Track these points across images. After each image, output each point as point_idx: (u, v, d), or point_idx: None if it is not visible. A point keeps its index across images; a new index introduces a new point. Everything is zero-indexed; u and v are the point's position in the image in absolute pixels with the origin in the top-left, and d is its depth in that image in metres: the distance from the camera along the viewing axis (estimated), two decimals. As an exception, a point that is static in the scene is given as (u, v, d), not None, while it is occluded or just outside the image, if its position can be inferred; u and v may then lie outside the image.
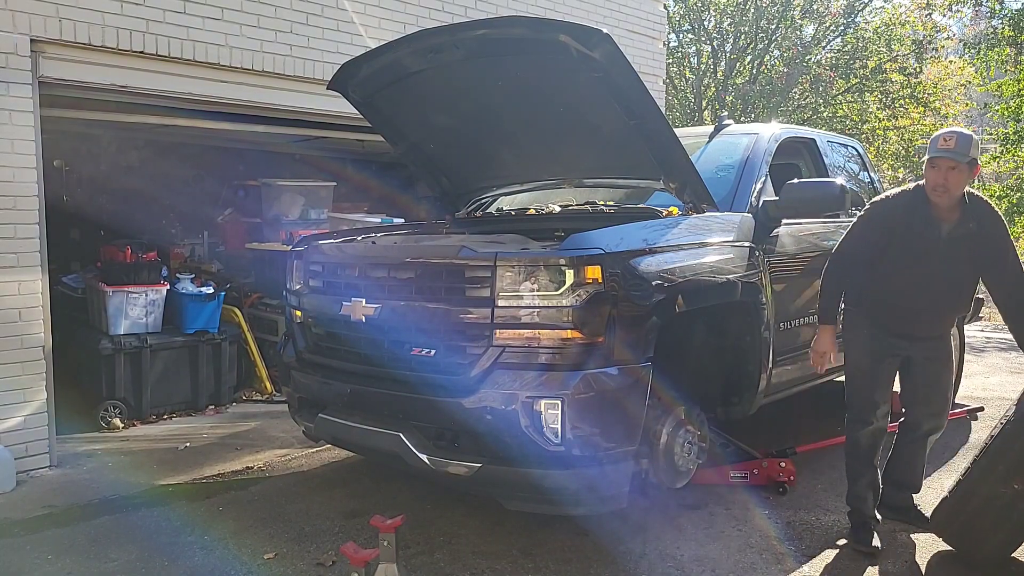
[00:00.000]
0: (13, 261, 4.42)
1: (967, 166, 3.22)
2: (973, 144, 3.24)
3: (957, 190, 3.25)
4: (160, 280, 5.93)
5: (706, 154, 4.58)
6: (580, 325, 3.09)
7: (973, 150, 3.24)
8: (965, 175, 3.24)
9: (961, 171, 3.22)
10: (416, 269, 3.50)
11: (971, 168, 3.25)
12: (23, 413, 4.50)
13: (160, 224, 8.29)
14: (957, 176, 3.22)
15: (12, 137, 4.38)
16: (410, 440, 3.29)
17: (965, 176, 3.24)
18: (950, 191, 3.24)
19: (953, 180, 3.22)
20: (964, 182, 3.25)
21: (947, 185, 3.23)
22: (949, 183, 3.22)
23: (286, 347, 4.16)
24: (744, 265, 3.88)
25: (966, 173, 3.24)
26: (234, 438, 5.31)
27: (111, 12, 4.72)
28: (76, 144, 7.93)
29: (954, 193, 3.25)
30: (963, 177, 3.24)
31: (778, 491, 4.08)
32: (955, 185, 3.23)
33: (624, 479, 3.24)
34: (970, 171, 3.25)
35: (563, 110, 4.05)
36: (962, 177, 3.23)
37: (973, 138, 3.26)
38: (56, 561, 3.42)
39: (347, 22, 5.85)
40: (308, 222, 7.32)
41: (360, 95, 4.43)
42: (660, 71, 8.59)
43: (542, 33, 3.60)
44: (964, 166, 3.21)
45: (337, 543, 3.41)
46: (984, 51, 13.63)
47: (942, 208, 3.30)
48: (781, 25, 17.26)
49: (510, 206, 4.98)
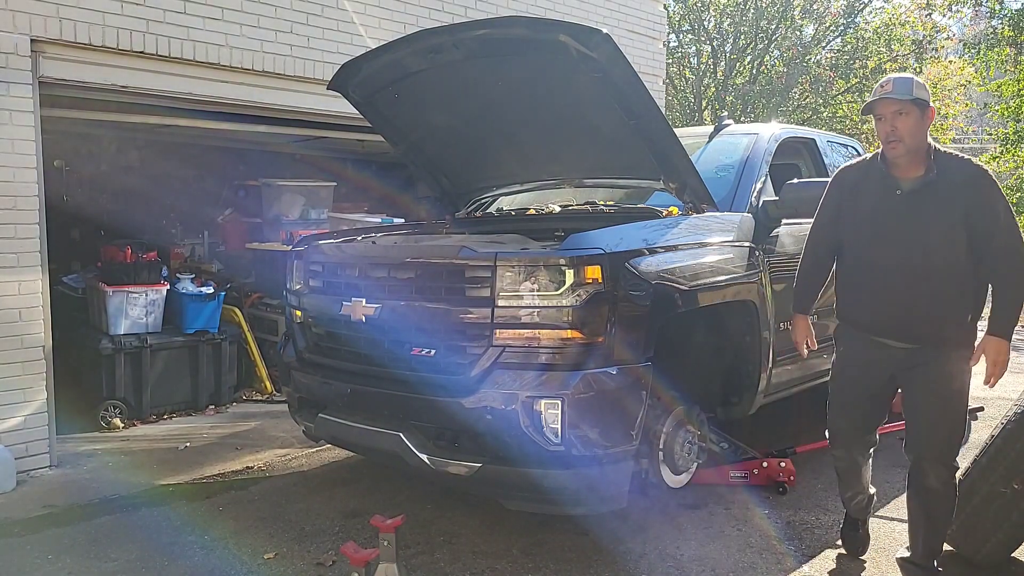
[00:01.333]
0: (13, 261, 4.42)
1: (916, 107, 2.82)
2: (916, 84, 2.85)
3: (912, 138, 2.84)
4: (160, 280, 5.93)
5: (706, 154, 4.59)
6: (580, 325, 3.09)
7: (917, 89, 2.83)
8: (916, 118, 2.83)
9: (910, 114, 2.82)
10: (416, 269, 3.51)
11: (923, 111, 2.84)
12: (23, 413, 4.50)
13: (160, 224, 8.29)
14: (907, 121, 2.83)
15: (12, 137, 4.38)
16: (410, 440, 3.29)
17: (916, 120, 2.83)
18: (904, 140, 2.83)
19: (904, 126, 2.83)
20: (919, 128, 2.84)
21: (898, 133, 2.83)
22: (900, 130, 2.83)
23: (286, 347, 4.16)
24: (744, 265, 3.88)
25: (917, 116, 2.83)
26: (234, 438, 5.31)
27: (111, 12, 4.72)
28: (76, 144, 7.92)
29: (910, 142, 2.84)
30: (914, 121, 2.83)
31: (778, 491, 4.08)
32: (907, 132, 2.83)
33: (624, 479, 3.24)
34: (922, 114, 2.84)
35: (563, 110, 4.05)
36: (913, 121, 2.83)
37: (914, 79, 2.88)
38: (56, 561, 3.42)
39: (347, 22, 5.85)
40: (308, 222, 7.32)
41: (360, 95, 4.43)
42: (660, 71, 8.59)
43: (542, 33, 3.60)
44: (912, 107, 2.82)
45: (337, 543, 3.41)
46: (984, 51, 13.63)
47: (901, 165, 2.90)
48: (781, 25, 17.25)
49: (510, 206, 4.98)
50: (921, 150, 2.88)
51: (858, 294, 3.07)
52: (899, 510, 3.91)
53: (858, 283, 3.06)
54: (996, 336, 2.88)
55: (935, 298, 2.88)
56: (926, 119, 2.86)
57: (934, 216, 2.86)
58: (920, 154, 2.88)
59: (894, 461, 4.56)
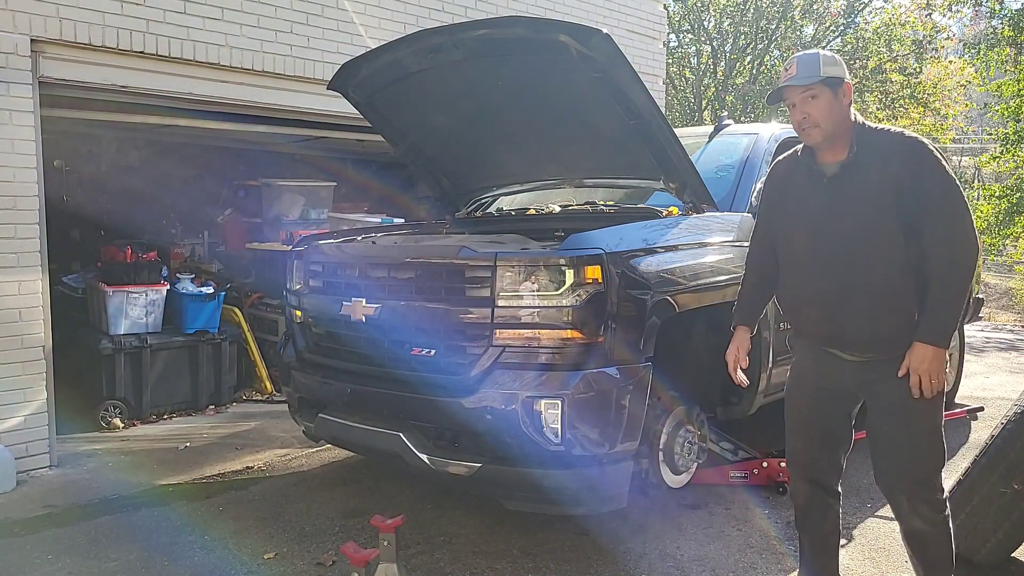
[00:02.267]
0: (13, 261, 4.42)
1: (827, 87, 2.51)
2: (823, 61, 2.53)
3: (828, 121, 2.52)
4: (160, 280, 5.93)
5: (706, 154, 4.59)
6: (580, 325, 3.09)
7: (826, 67, 2.52)
8: (829, 99, 2.51)
9: (822, 96, 2.51)
10: (416, 269, 3.51)
11: (835, 89, 2.52)
12: (23, 413, 4.50)
13: (160, 224, 8.29)
14: (820, 104, 2.51)
15: (12, 137, 4.38)
16: (410, 440, 3.29)
17: (830, 101, 2.51)
18: (821, 125, 2.52)
19: (816, 110, 2.52)
20: (835, 109, 2.52)
21: (812, 119, 2.53)
22: (813, 115, 2.52)
23: (286, 347, 4.16)
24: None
25: (830, 96, 2.51)
26: (234, 438, 5.31)
27: (111, 12, 4.72)
28: (76, 144, 7.93)
29: (827, 126, 2.52)
30: (828, 103, 2.51)
31: (778, 491, 4.08)
32: (823, 115, 2.52)
33: (624, 479, 3.24)
34: (835, 93, 2.52)
35: (563, 110, 4.05)
36: (826, 103, 2.51)
37: (821, 54, 2.56)
38: (56, 561, 3.42)
39: (347, 22, 5.85)
40: (308, 222, 7.32)
41: (360, 95, 4.43)
42: (660, 71, 8.59)
43: (542, 33, 3.60)
44: (822, 87, 2.51)
45: (337, 543, 3.41)
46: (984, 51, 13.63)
47: (824, 150, 2.58)
48: (781, 25, 17.25)
49: (510, 206, 4.99)
50: (845, 131, 2.55)
51: (795, 298, 2.75)
52: (899, 510, 3.91)
53: (795, 285, 2.72)
54: (921, 342, 2.42)
55: (868, 299, 2.51)
56: (841, 96, 2.54)
57: (857, 201, 2.51)
58: (844, 136, 2.55)
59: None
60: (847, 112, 2.56)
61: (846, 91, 2.55)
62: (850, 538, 3.60)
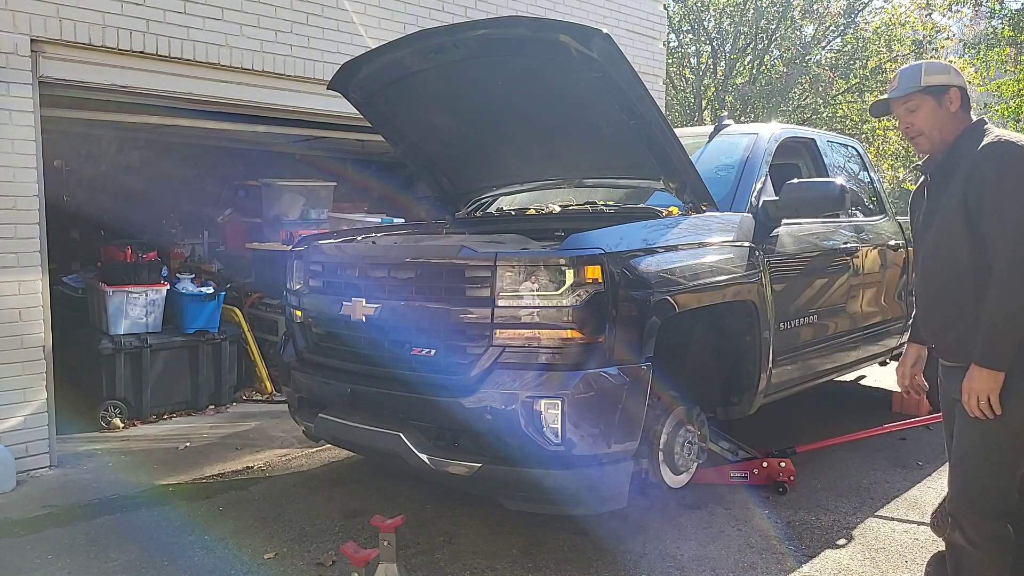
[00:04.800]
0: (13, 261, 4.42)
1: (930, 96, 2.48)
2: (926, 70, 2.51)
3: (936, 130, 2.50)
4: (160, 280, 5.93)
5: (706, 154, 4.58)
6: (580, 325, 3.09)
7: (928, 76, 2.49)
8: (933, 108, 2.48)
9: (925, 105, 2.49)
10: (416, 269, 3.50)
11: (939, 97, 2.48)
12: (23, 413, 4.50)
13: (160, 224, 8.28)
14: (924, 115, 2.50)
15: (12, 137, 4.38)
16: (410, 440, 3.29)
17: (934, 109, 2.48)
18: (926, 134, 2.52)
19: (921, 120, 2.51)
20: (941, 118, 2.49)
21: (918, 128, 2.52)
22: (919, 125, 2.52)
23: (286, 347, 4.16)
24: (744, 265, 3.88)
25: (933, 105, 2.48)
26: (234, 438, 5.31)
27: (111, 12, 4.72)
28: (76, 144, 7.93)
29: (936, 136, 2.50)
30: (932, 112, 2.48)
31: (778, 491, 4.08)
32: (928, 125, 2.50)
33: (624, 479, 3.24)
34: (938, 101, 2.48)
35: (563, 110, 4.05)
36: (930, 112, 2.48)
37: (925, 64, 2.54)
38: (56, 561, 3.42)
39: (347, 22, 5.85)
40: (308, 222, 7.32)
41: (360, 95, 4.43)
42: (660, 71, 8.59)
43: (542, 33, 3.60)
44: (925, 97, 2.48)
45: (337, 543, 3.41)
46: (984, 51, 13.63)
47: (934, 162, 2.58)
48: (781, 25, 17.26)
49: (510, 206, 4.98)
50: (953, 140, 2.50)
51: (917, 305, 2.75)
52: (899, 510, 3.92)
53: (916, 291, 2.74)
54: (975, 364, 2.35)
55: (942, 305, 2.51)
56: (947, 104, 2.48)
57: (941, 207, 2.49)
58: (951, 144, 2.51)
59: (895, 461, 4.57)
60: (957, 118, 2.51)
61: (953, 98, 2.49)
62: (850, 538, 3.60)
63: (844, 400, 6.10)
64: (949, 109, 2.50)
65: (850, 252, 4.79)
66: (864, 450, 4.73)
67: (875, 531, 3.67)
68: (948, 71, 2.55)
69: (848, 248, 4.79)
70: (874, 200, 5.66)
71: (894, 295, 5.31)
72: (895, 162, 18.63)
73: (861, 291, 4.87)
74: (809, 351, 4.44)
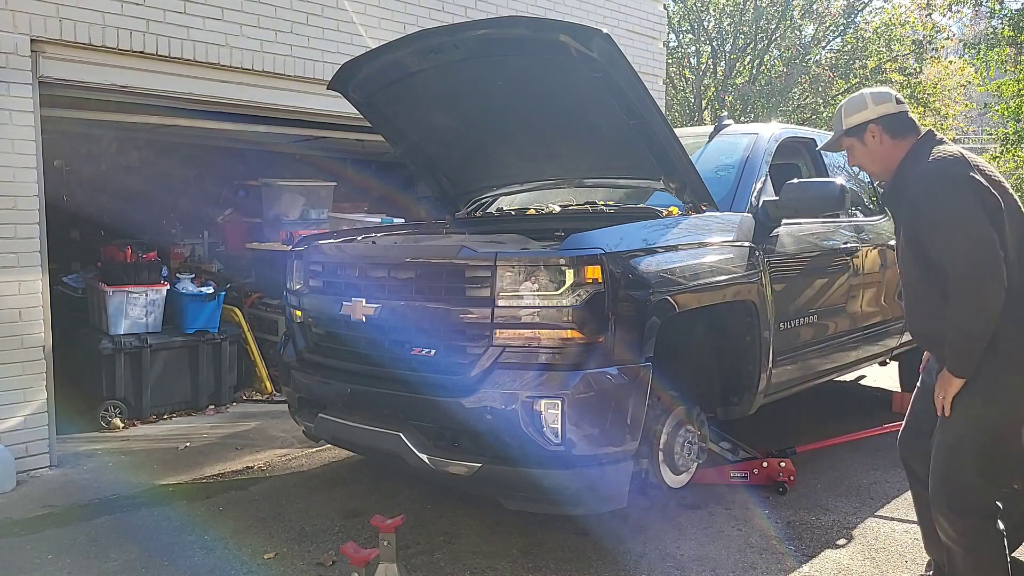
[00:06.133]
0: (13, 261, 4.42)
1: (853, 137, 2.70)
2: (845, 112, 2.72)
3: (874, 164, 2.72)
4: (160, 280, 5.93)
5: (706, 154, 4.58)
6: (580, 325, 3.09)
7: (846, 119, 2.70)
8: (860, 147, 2.70)
9: (853, 147, 2.72)
10: (416, 269, 3.50)
11: (860, 136, 2.68)
12: (23, 413, 4.50)
13: (160, 224, 8.28)
14: (857, 154, 2.73)
15: (12, 137, 4.38)
16: (410, 440, 3.29)
17: (861, 148, 2.70)
18: (869, 169, 2.79)
19: (858, 159, 2.75)
20: (873, 152, 2.68)
21: (859, 166, 2.79)
22: (858, 163, 2.78)
23: (286, 347, 4.16)
24: (744, 265, 3.88)
25: (859, 142, 2.69)
26: (234, 438, 5.31)
27: (111, 12, 4.72)
28: (76, 144, 7.92)
29: (877, 168, 2.73)
30: (861, 150, 2.71)
31: (778, 491, 4.08)
32: (865, 162, 2.74)
33: (624, 479, 3.24)
34: (861, 140, 2.68)
35: (563, 110, 4.05)
36: (860, 151, 2.71)
37: (843, 107, 2.74)
38: (56, 561, 3.42)
39: (347, 22, 5.85)
40: (308, 222, 7.32)
41: (360, 95, 4.43)
42: (660, 71, 8.59)
43: (542, 33, 3.60)
44: (849, 139, 2.71)
45: (337, 543, 3.41)
46: (984, 51, 13.63)
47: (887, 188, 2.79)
48: (781, 25, 17.26)
49: (510, 206, 4.98)
50: (896, 168, 2.67)
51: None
52: (899, 510, 3.92)
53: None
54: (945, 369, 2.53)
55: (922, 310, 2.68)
56: (869, 139, 2.68)
57: (899, 226, 2.70)
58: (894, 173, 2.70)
59: (895, 461, 4.56)
60: (894, 146, 2.65)
61: (873, 132, 2.65)
62: (850, 538, 3.60)
63: (844, 400, 6.10)
64: (876, 143, 2.67)
65: (850, 252, 4.79)
66: (864, 450, 4.73)
67: (875, 531, 3.67)
68: (863, 107, 2.68)
69: (848, 248, 4.79)
70: (874, 200, 5.66)
71: (894, 295, 5.31)
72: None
73: (861, 291, 4.87)
74: (809, 351, 4.43)
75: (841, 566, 3.33)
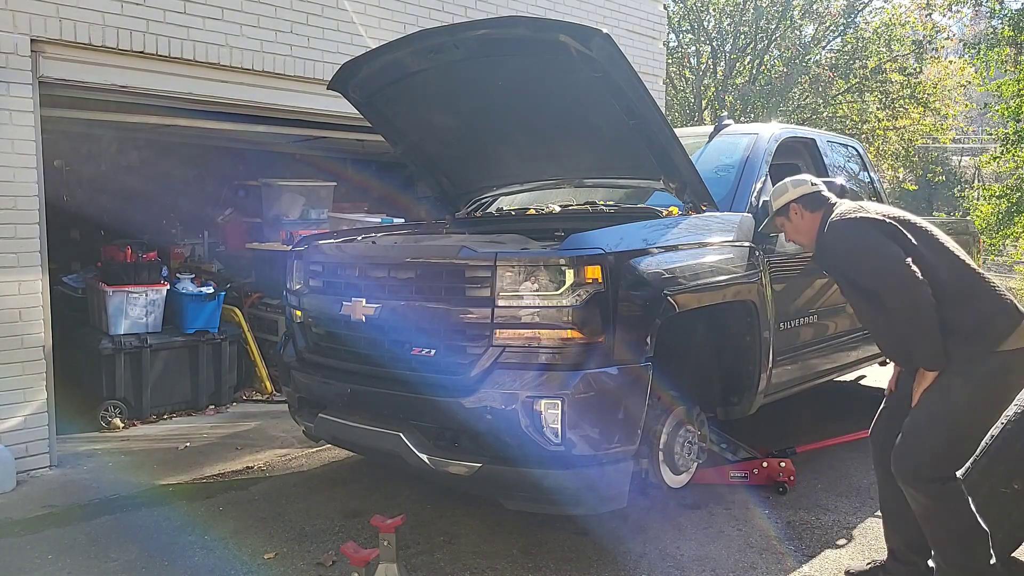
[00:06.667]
0: (13, 261, 4.42)
1: (781, 216, 3.19)
2: (773, 195, 3.23)
3: (800, 235, 3.19)
4: (160, 280, 5.93)
5: (706, 154, 4.58)
6: (580, 325, 3.09)
7: (775, 200, 3.20)
8: (790, 226, 3.20)
9: (784, 224, 3.21)
10: (416, 269, 3.51)
11: (786, 214, 3.18)
12: (23, 413, 4.50)
13: (160, 224, 8.28)
14: (788, 229, 3.22)
15: (12, 137, 4.38)
16: (410, 440, 3.29)
17: (791, 227, 3.19)
18: (797, 241, 3.24)
19: (789, 233, 3.24)
20: (798, 226, 3.17)
21: (791, 238, 3.26)
22: (790, 237, 3.26)
23: (286, 347, 4.16)
24: (744, 265, 3.88)
25: (788, 224, 3.20)
26: (234, 438, 5.31)
27: (111, 12, 4.72)
28: (76, 144, 7.92)
29: (803, 238, 3.19)
30: (791, 228, 3.20)
31: (778, 491, 4.08)
32: (794, 235, 3.21)
33: (624, 479, 3.24)
34: (787, 217, 3.18)
35: (563, 110, 4.05)
36: (789, 227, 3.20)
37: (776, 189, 3.24)
38: (56, 561, 3.42)
39: (347, 22, 5.85)
40: (308, 222, 7.32)
41: (360, 95, 4.43)
42: (660, 71, 8.59)
43: (542, 33, 3.60)
44: (781, 218, 3.20)
45: (337, 543, 3.41)
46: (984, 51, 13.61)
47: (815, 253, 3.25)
48: (781, 25, 17.25)
49: (510, 206, 4.98)
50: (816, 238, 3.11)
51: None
52: (899, 510, 3.91)
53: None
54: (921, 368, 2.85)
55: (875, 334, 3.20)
56: (794, 216, 3.16)
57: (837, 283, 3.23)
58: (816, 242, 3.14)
59: (894, 461, 4.56)
60: (813, 218, 3.11)
61: (795, 210, 3.15)
62: (850, 538, 3.60)
63: (844, 400, 6.09)
64: (799, 219, 3.15)
65: (850, 252, 4.78)
66: (864, 450, 4.69)
67: (875, 531, 3.67)
68: (785, 191, 3.19)
69: (848, 248, 4.78)
70: (874, 200, 5.66)
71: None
72: (895, 162, 18.64)
73: (861, 291, 4.87)
74: (809, 351, 4.44)
75: (841, 566, 3.33)
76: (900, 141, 18.00)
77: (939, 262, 2.82)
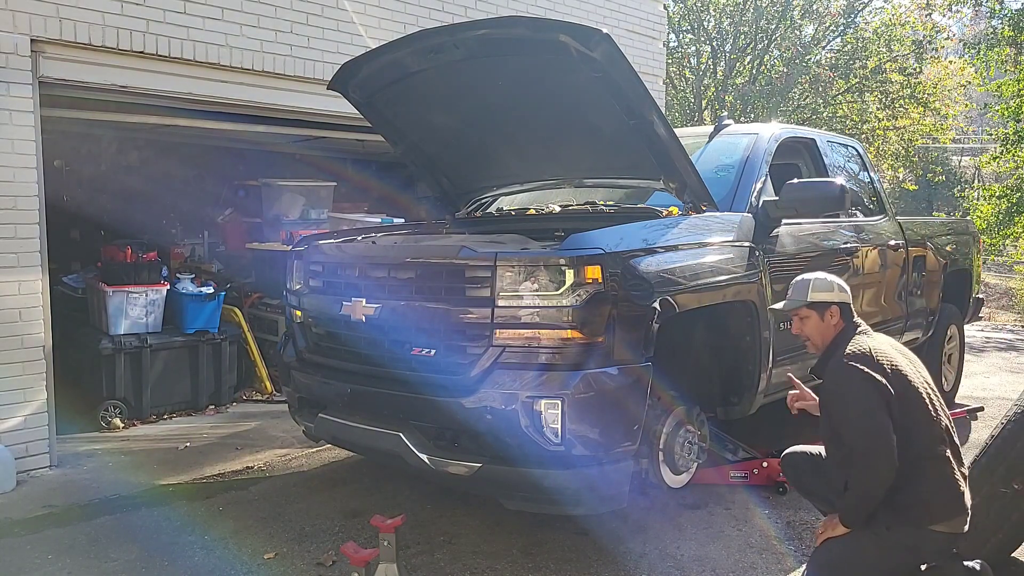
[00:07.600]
0: (13, 261, 4.42)
1: (814, 311, 2.98)
2: (812, 286, 2.99)
3: (819, 338, 3.01)
4: (160, 280, 5.93)
5: (706, 154, 4.58)
6: (580, 325, 3.09)
7: (813, 292, 2.98)
8: (816, 322, 2.99)
9: (809, 318, 3.00)
10: (416, 269, 3.51)
11: (821, 312, 2.97)
12: (23, 413, 4.50)
13: (160, 224, 8.28)
14: (808, 324, 3.02)
15: (12, 137, 4.38)
16: (410, 440, 3.29)
17: (816, 323, 2.99)
18: (812, 340, 3.04)
19: (808, 329, 3.03)
20: (822, 329, 2.99)
21: (806, 335, 3.05)
22: (807, 332, 3.04)
23: (286, 347, 4.16)
24: (744, 265, 3.88)
25: (816, 319, 2.99)
26: (234, 438, 5.31)
27: (111, 12, 4.72)
28: (76, 144, 7.92)
29: (818, 342, 3.02)
30: (815, 324, 3.00)
31: (778, 491, 4.08)
32: (813, 333, 3.02)
33: (624, 479, 3.24)
34: (821, 316, 2.98)
35: (563, 110, 4.05)
36: (813, 324, 3.00)
37: (812, 280, 3.01)
38: (56, 561, 3.42)
39: (347, 22, 5.85)
40: (308, 222, 7.32)
41: (360, 95, 4.43)
42: (660, 71, 8.59)
43: (542, 33, 3.60)
44: (810, 311, 2.99)
45: (337, 543, 3.41)
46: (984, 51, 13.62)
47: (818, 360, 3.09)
48: (781, 25, 17.24)
49: (510, 206, 4.98)
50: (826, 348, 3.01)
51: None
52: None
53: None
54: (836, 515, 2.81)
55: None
56: (828, 317, 2.98)
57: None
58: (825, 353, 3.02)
59: (894, 461, 4.56)
60: (833, 331, 2.98)
61: (833, 312, 2.98)
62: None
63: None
64: (830, 320, 2.99)
65: (850, 252, 4.79)
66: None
67: (875, 531, 3.67)
68: (831, 288, 3.01)
69: (848, 248, 4.79)
70: (874, 200, 5.66)
71: (894, 295, 5.31)
72: (895, 162, 18.63)
73: (861, 291, 4.87)
74: (809, 351, 4.43)
75: (841, 566, 3.33)
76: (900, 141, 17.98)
77: (914, 438, 2.72)
